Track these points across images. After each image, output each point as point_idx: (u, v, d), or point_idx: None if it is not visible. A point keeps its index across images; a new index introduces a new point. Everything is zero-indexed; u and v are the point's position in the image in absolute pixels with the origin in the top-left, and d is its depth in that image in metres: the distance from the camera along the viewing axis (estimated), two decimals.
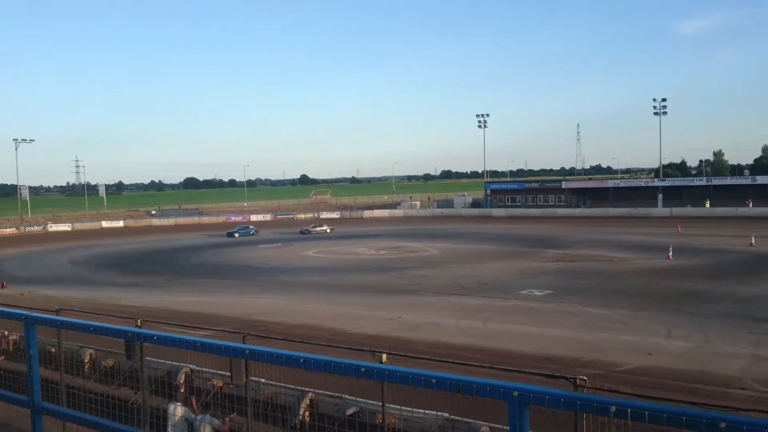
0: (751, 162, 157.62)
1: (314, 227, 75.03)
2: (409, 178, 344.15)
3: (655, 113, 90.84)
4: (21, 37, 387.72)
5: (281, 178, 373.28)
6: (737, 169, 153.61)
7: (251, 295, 34.04)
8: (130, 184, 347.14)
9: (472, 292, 33.03)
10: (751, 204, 78.08)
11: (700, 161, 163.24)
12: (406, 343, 22.06)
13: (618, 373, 18.32)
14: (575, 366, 19.00)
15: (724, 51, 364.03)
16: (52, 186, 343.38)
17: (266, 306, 30.52)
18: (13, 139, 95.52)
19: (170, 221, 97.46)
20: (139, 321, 12.41)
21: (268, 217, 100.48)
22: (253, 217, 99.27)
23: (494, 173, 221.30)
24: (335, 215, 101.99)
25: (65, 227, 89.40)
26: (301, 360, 2.82)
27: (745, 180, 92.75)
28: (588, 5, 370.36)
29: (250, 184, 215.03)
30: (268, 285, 38.06)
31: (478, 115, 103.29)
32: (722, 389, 16.97)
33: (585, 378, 9.11)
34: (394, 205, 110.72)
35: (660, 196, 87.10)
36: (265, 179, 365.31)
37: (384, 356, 10.45)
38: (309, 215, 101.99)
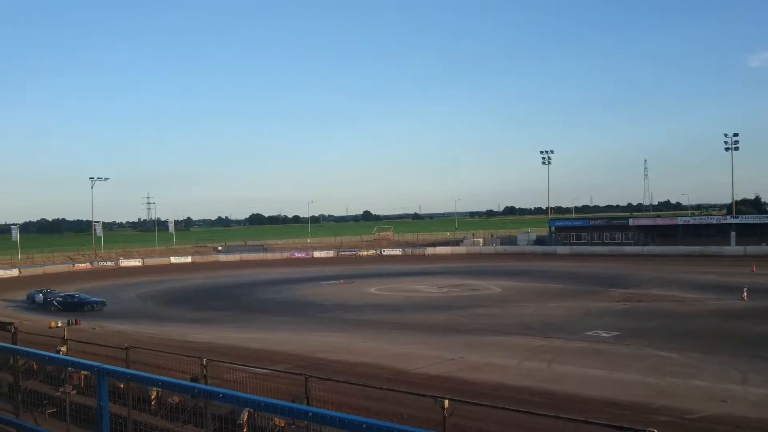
0: None
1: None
2: (472, 214, 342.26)
3: (727, 148, 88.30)
4: (93, 79, 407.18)
5: (344, 214, 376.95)
6: None
7: (313, 332, 34.26)
8: (198, 220, 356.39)
9: (536, 332, 32.43)
10: None
11: None
12: (468, 384, 21.76)
13: (690, 421, 17.60)
14: (645, 412, 18.37)
15: None
16: (124, 222, 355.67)
17: (327, 343, 30.64)
18: (90, 177, 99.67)
19: (235, 257, 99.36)
20: (204, 360, 12.64)
21: (330, 253, 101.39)
22: (317, 254, 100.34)
23: (558, 209, 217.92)
24: (397, 252, 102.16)
25: (136, 262, 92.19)
26: (364, 425, 2.84)
27: None
28: (652, 41, 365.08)
29: (314, 220, 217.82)
30: (330, 322, 38.25)
31: (542, 152, 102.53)
32: None
33: (654, 431, 8.81)
34: (456, 242, 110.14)
35: (733, 233, 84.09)
36: (329, 215, 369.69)
37: (446, 402, 10.33)
38: (372, 252, 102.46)
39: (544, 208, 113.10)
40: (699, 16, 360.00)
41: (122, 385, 13.95)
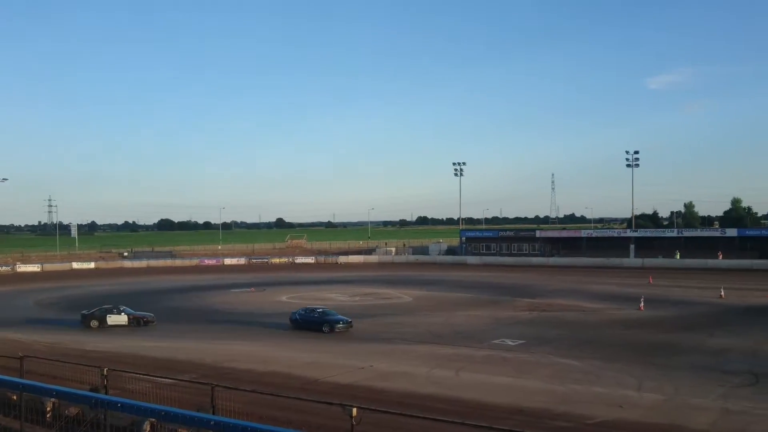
0: (720, 214, 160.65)
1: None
2: (385, 223, 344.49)
3: (628, 165, 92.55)
4: None
5: (257, 221, 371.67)
6: (707, 221, 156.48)
7: (222, 341, 33.56)
8: (104, 225, 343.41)
9: (445, 341, 32.92)
10: (720, 256, 79.25)
11: (672, 212, 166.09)
12: (377, 393, 21.86)
13: (589, 426, 18.28)
14: (547, 418, 18.96)
15: (692, 105, 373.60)
16: (23, 225, 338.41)
17: (237, 352, 30.11)
18: None
19: (142, 263, 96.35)
20: (105, 370, 12.17)
21: (242, 260, 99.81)
22: (227, 261, 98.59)
23: (470, 220, 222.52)
24: (310, 260, 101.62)
25: (34, 268, 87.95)
26: None
27: (715, 232, 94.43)
28: (561, 61, 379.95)
29: (226, 226, 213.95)
30: (240, 330, 37.58)
31: (454, 163, 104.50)
32: None
33: None
34: (369, 251, 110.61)
35: (632, 246, 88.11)
36: (241, 222, 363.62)
37: (354, 410, 10.34)
38: (284, 260, 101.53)
39: (456, 218, 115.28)
40: (603, 41, 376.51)
41: (15, 397, 13.25)
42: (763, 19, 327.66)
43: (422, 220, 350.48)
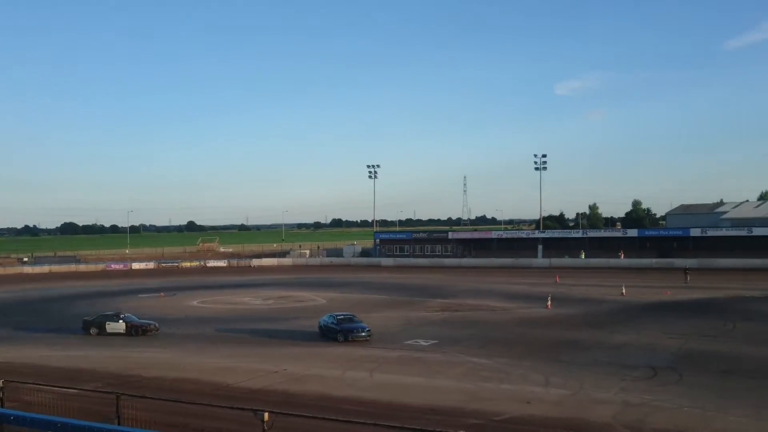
0: (622, 215, 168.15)
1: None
2: (300, 226, 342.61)
3: (536, 168, 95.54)
4: None
5: (167, 224, 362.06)
6: (610, 222, 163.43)
7: (128, 348, 32.49)
8: (1, 229, 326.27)
9: (359, 343, 33.00)
10: (622, 255, 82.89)
11: (577, 214, 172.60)
12: (291, 396, 21.71)
13: (498, 422, 18.75)
14: (458, 416, 19.32)
15: (596, 110, 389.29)
16: None
17: (144, 360, 29.23)
18: None
19: (44, 269, 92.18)
20: (1, 381, 11.60)
21: (151, 265, 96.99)
22: (135, 266, 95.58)
23: (384, 222, 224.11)
24: (222, 263, 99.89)
25: None
26: None
27: (617, 233, 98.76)
28: (473, 65, 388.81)
29: (134, 230, 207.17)
30: (148, 337, 36.50)
31: (369, 166, 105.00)
32: None
33: None
34: (283, 254, 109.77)
35: (540, 247, 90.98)
36: (150, 225, 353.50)
37: (266, 415, 10.26)
38: (195, 263, 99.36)
39: (370, 220, 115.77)
40: (512, 46, 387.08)
41: None
42: (664, 27, 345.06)
43: (337, 223, 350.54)
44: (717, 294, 50.05)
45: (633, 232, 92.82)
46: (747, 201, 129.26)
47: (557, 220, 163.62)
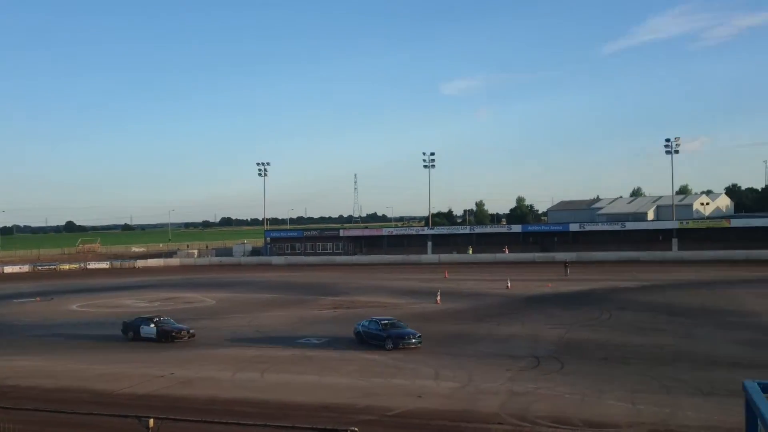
0: (507, 212, 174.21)
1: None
2: (187, 225, 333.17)
3: (425, 166, 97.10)
4: None
5: (43, 224, 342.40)
6: (496, 218, 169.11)
7: (2, 358, 30.49)
8: None
9: (249, 343, 32.47)
10: (507, 250, 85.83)
11: (465, 211, 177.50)
12: (179, 401, 21.10)
13: (390, 417, 18.96)
14: (351, 412, 19.39)
15: (481, 110, 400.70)
16: None
17: (19, 368, 27.52)
18: None
19: None
20: None
21: (25, 268, 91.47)
22: (8, 269, 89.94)
23: (274, 221, 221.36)
24: (104, 265, 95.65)
25: None
26: None
27: (502, 228, 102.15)
28: (361, 62, 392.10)
29: (6, 231, 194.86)
30: (23, 344, 34.34)
31: (258, 163, 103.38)
32: (483, 425, 18.22)
33: (356, 430, 9.31)
34: (170, 254, 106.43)
35: (429, 243, 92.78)
36: (24, 226, 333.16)
37: (151, 421, 9.86)
38: (75, 265, 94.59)
39: (261, 219, 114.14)
40: (401, 43, 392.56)
41: None
42: (546, 31, 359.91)
43: (226, 221, 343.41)
44: (594, 285, 52.71)
45: (517, 228, 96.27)
46: (621, 197, 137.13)
47: (446, 217, 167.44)
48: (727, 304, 40.67)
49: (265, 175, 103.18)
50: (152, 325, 34.00)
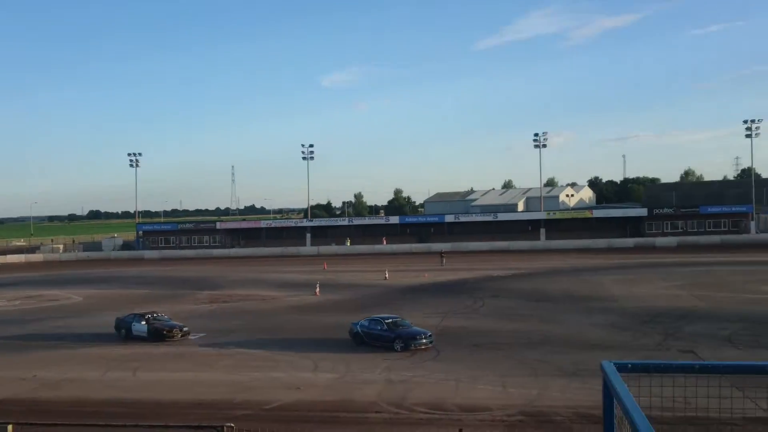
0: (385, 203, 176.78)
1: None
2: (51, 218, 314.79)
3: (304, 158, 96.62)
4: None
5: None
6: (374, 210, 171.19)
7: None
8: None
9: (120, 341, 31.21)
10: (385, 241, 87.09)
11: (344, 203, 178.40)
12: (43, 404, 20.02)
13: (267, 411, 18.86)
14: (227, 408, 19.12)
15: (360, 103, 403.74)
16: None
17: None
18: None
19: None
20: None
21: None
22: None
23: (147, 213, 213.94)
24: None
25: None
26: None
27: (380, 220, 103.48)
28: (237, 53, 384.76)
29: None
30: None
31: (129, 154, 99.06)
32: (361, 414, 18.51)
33: (232, 425, 9.22)
34: (32, 250, 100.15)
35: (308, 235, 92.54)
36: None
37: (10, 427, 9.31)
38: None
39: (133, 211, 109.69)
40: (280, 37, 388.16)
41: None
42: (423, 26, 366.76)
43: (95, 214, 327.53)
44: (469, 275, 54.48)
45: (395, 219, 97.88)
46: (493, 189, 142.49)
47: (325, 209, 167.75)
48: (591, 290, 43.21)
49: (137, 166, 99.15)
50: (143, 323, 31.77)
